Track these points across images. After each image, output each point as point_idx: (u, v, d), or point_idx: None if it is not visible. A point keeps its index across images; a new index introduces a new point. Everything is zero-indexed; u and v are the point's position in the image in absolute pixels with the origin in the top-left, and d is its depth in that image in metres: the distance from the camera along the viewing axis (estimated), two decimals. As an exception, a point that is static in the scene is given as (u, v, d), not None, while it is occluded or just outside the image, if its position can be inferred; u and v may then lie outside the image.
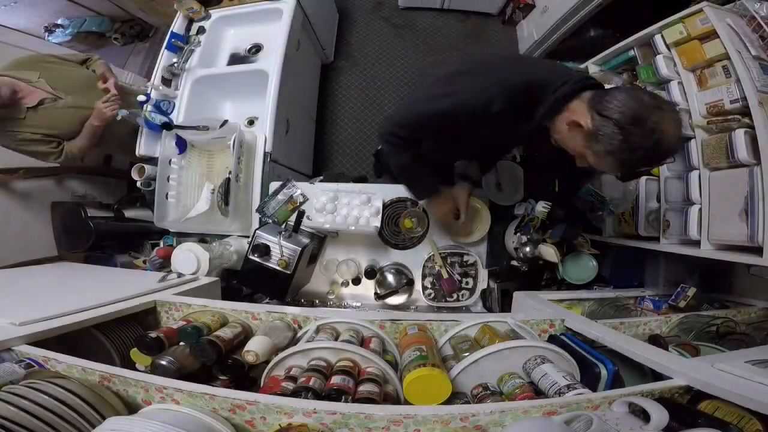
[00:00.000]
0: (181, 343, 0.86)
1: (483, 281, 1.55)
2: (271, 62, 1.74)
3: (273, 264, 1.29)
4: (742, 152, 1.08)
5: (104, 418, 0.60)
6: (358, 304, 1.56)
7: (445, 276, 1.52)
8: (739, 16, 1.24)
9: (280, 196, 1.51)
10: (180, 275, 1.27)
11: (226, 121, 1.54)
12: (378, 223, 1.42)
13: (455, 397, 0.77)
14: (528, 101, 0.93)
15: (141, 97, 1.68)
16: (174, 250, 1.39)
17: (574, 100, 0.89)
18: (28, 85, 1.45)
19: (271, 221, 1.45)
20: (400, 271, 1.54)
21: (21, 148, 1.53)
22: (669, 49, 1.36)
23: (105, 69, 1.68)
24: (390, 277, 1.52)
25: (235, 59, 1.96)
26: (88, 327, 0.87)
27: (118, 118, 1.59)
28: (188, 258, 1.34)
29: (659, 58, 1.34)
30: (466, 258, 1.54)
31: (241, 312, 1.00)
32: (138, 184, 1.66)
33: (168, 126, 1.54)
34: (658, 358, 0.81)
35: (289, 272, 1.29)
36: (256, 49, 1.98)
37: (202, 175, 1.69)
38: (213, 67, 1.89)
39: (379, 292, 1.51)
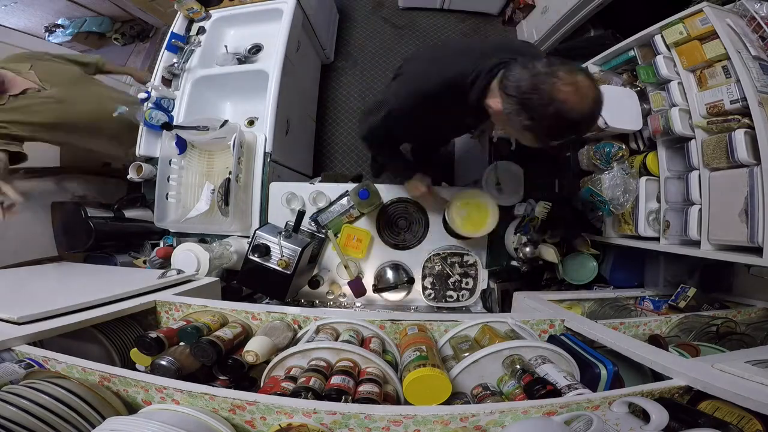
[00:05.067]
0: (181, 343, 0.86)
1: (483, 281, 1.55)
2: (271, 62, 1.74)
3: (273, 264, 1.29)
4: (742, 152, 1.08)
5: (104, 418, 0.60)
6: (359, 304, 1.57)
7: (353, 278, 1.50)
8: (739, 17, 1.24)
9: (336, 207, 1.53)
10: (180, 272, 1.27)
11: (226, 121, 1.54)
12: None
13: (455, 397, 0.77)
14: (453, 96, 0.97)
15: (141, 95, 1.68)
16: (174, 250, 1.39)
17: (493, 83, 0.91)
18: (16, 75, 1.44)
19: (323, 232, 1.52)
20: (400, 268, 1.55)
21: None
22: (669, 49, 1.35)
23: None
24: (389, 273, 1.52)
25: (235, 59, 1.96)
26: (88, 327, 0.87)
27: (115, 114, 1.58)
28: (188, 258, 1.34)
29: (659, 59, 1.34)
30: (466, 258, 1.54)
31: (241, 312, 1.00)
32: (136, 177, 1.66)
33: (168, 126, 1.54)
34: (658, 358, 0.81)
35: (289, 272, 1.29)
36: (256, 49, 1.99)
37: (202, 175, 1.69)
38: (213, 67, 1.89)
39: (377, 284, 1.53)
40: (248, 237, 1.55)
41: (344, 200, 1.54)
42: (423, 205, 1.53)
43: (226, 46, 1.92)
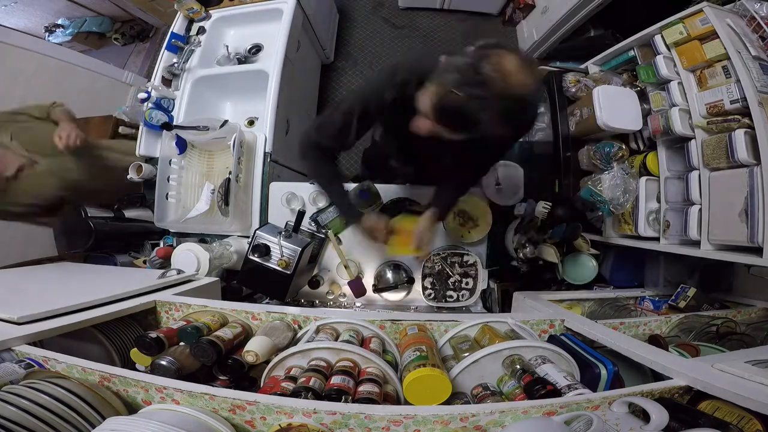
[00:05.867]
0: (181, 343, 0.86)
1: (483, 281, 1.55)
2: (271, 62, 1.74)
3: (273, 264, 1.29)
4: (742, 152, 1.08)
5: (104, 418, 0.60)
6: (359, 304, 1.57)
7: (353, 278, 1.49)
8: (739, 17, 1.24)
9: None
10: (180, 272, 1.27)
11: (226, 121, 1.54)
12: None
13: (455, 397, 0.77)
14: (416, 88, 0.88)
15: (141, 95, 1.68)
16: (174, 250, 1.38)
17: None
18: (3, 150, 1.35)
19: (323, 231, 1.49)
20: (400, 268, 1.55)
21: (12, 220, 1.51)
22: (669, 49, 1.36)
23: (65, 117, 1.51)
24: (389, 273, 1.52)
25: (235, 59, 1.96)
26: (88, 327, 0.87)
27: (116, 114, 1.57)
28: (188, 258, 1.33)
29: (659, 59, 1.34)
30: (466, 258, 1.54)
31: (241, 312, 1.00)
32: (136, 177, 1.65)
33: (168, 126, 1.54)
34: (658, 358, 0.81)
35: (289, 272, 1.29)
36: (256, 49, 1.99)
37: (202, 175, 1.69)
38: (213, 67, 1.89)
39: (377, 284, 1.53)
40: (248, 237, 1.55)
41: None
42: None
43: (226, 46, 1.92)
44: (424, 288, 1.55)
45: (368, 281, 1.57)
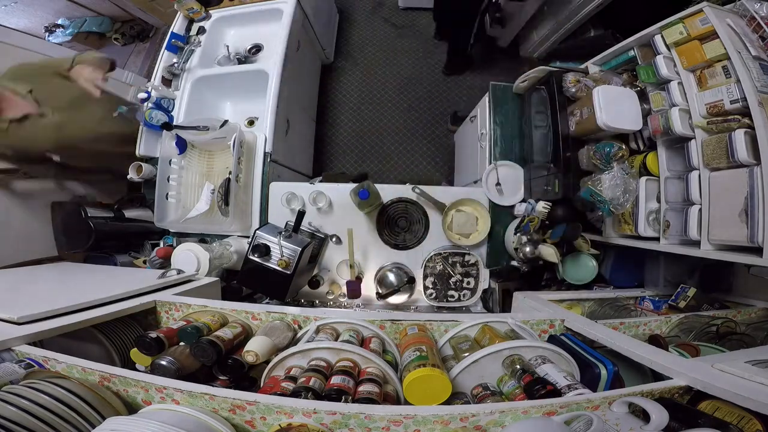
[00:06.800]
0: (181, 343, 0.86)
1: (484, 281, 1.55)
2: (271, 62, 1.74)
3: (273, 264, 1.29)
4: (742, 152, 1.08)
5: (104, 418, 0.61)
6: (359, 304, 1.56)
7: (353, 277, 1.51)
8: (739, 17, 1.23)
9: None
10: (180, 271, 1.27)
11: (226, 121, 1.54)
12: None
13: (455, 397, 0.77)
14: None
15: (141, 95, 1.68)
16: (174, 250, 1.39)
17: None
18: (14, 95, 1.40)
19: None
20: (401, 270, 1.54)
21: None
22: (669, 49, 1.35)
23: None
24: (391, 276, 1.52)
25: (235, 59, 1.96)
26: (88, 327, 0.87)
27: (115, 114, 1.58)
28: (188, 258, 1.34)
29: (659, 59, 1.34)
30: (467, 258, 1.54)
31: (241, 312, 1.00)
32: (136, 177, 1.66)
33: (168, 126, 1.54)
34: (658, 358, 0.81)
35: (289, 272, 1.29)
36: (256, 49, 1.99)
37: (202, 175, 1.69)
38: (213, 67, 1.89)
39: (380, 291, 1.52)
40: (248, 237, 1.55)
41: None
42: None
43: (226, 46, 1.92)
44: (426, 288, 1.55)
45: (368, 283, 1.57)
